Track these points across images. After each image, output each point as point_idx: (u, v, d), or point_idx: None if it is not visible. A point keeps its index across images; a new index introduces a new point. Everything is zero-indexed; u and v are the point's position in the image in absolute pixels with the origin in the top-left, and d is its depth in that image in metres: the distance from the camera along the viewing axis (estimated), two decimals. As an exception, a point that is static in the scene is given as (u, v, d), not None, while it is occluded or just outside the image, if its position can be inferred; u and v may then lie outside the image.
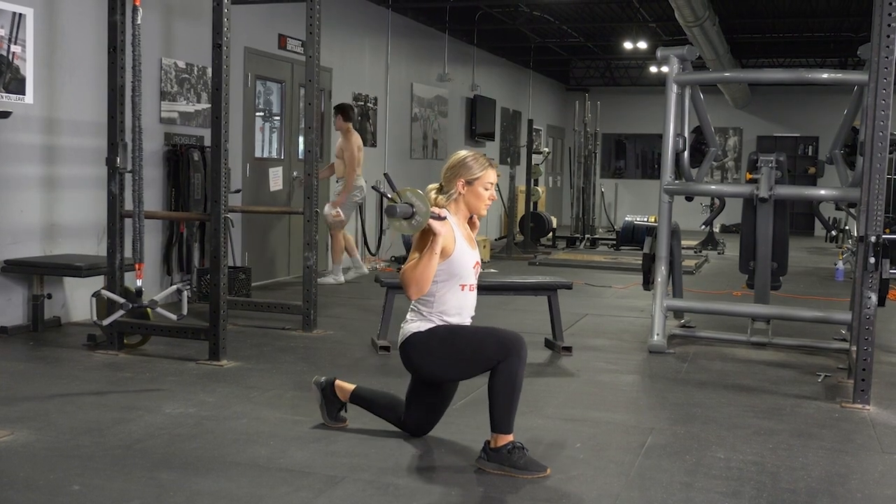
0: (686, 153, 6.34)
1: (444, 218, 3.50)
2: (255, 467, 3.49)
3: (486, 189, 3.66)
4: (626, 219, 14.47)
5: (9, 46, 5.89)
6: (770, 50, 16.53)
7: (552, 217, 14.81)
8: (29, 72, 6.05)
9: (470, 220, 3.76)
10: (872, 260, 4.57)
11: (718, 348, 6.20)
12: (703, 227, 13.59)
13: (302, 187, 6.81)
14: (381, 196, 3.97)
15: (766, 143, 18.58)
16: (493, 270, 10.30)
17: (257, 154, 8.90)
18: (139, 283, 5.29)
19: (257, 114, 8.98)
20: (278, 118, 9.40)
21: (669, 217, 6.28)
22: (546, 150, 15.75)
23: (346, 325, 6.67)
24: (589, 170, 14.77)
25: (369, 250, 10.66)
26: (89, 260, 6.11)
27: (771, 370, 5.56)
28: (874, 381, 4.75)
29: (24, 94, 6.03)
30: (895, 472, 3.71)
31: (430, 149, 12.93)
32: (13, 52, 5.92)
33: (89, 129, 6.50)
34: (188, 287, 7.42)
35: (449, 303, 3.61)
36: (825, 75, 6.61)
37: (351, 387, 4.00)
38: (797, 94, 18.43)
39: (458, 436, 3.94)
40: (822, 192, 7.33)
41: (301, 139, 9.06)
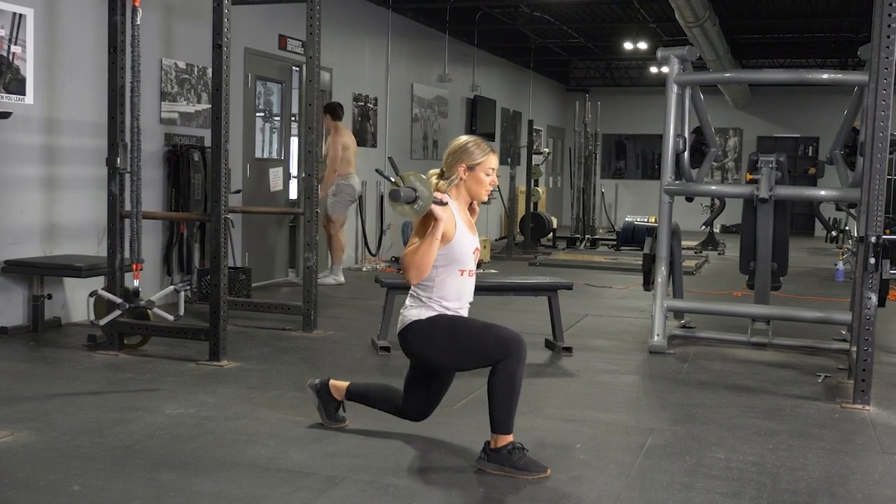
0: (686, 154, 6.34)
1: (446, 203, 3.51)
2: (255, 468, 3.49)
3: (488, 175, 3.65)
4: (627, 219, 14.47)
5: (9, 47, 5.89)
6: (770, 50, 16.53)
7: (552, 217, 14.81)
8: (29, 72, 6.05)
9: (470, 206, 3.75)
10: (872, 260, 4.57)
11: (719, 349, 6.20)
12: (704, 227, 13.60)
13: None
14: (385, 180, 3.96)
15: (766, 144, 18.57)
16: (493, 271, 10.31)
17: (257, 154, 8.91)
18: (136, 283, 5.29)
19: (257, 114, 8.98)
20: (278, 118, 9.41)
21: (670, 217, 6.28)
22: (546, 150, 15.75)
23: (346, 326, 6.67)
24: (589, 170, 14.78)
25: (369, 250, 10.66)
26: (89, 260, 6.11)
27: (771, 371, 5.56)
28: (874, 382, 4.75)
29: (24, 94, 6.03)
30: (895, 472, 3.71)
31: (430, 149, 12.93)
32: (13, 53, 5.93)
33: (89, 129, 6.50)
34: (188, 287, 7.43)
35: (448, 288, 3.60)
36: (825, 76, 6.61)
37: (344, 384, 4.00)
38: (797, 95, 18.42)
39: (458, 436, 3.94)
40: (823, 192, 7.32)
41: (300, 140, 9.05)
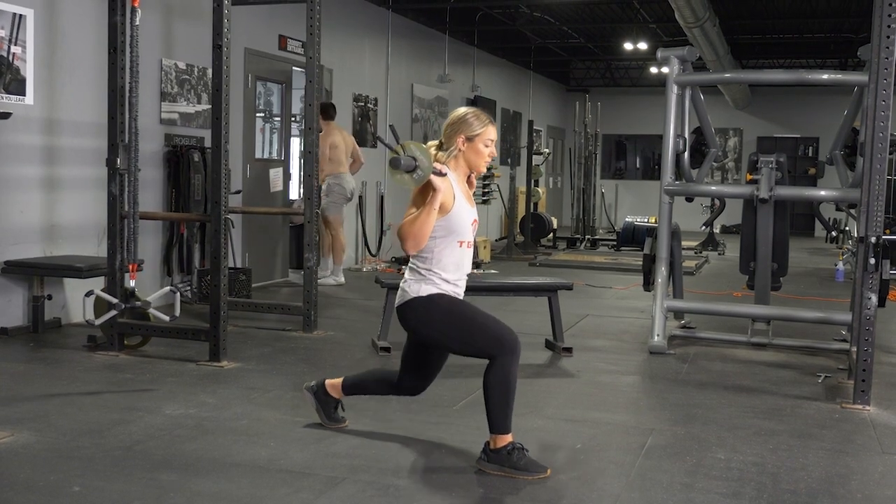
0: (686, 154, 6.34)
1: (445, 174, 3.50)
2: (255, 468, 3.49)
3: (486, 146, 3.62)
4: (627, 220, 14.47)
5: (9, 47, 5.89)
6: (770, 51, 16.54)
7: (552, 218, 14.81)
8: (29, 73, 6.05)
9: (468, 179, 3.74)
10: (872, 261, 4.57)
11: (719, 349, 6.20)
12: (704, 227, 13.64)
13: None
14: (386, 148, 3.94)
15: (766, 144, 18.56)
16: (493, 271, 10.31)
17: (257, 155, 8.91)
18: (132, 283, 5.29)
19: (257, 114, 8.98)
20: (278, 119, 9.41)
21: (670, 218, 6.28)
22: (546, 150, 15.75)
23: (346, 326, 6.67)
24: (589, 170, 14.77)
25: (370, 251, 10.66)
26: (90, 261, 6.11)
27: (771, 371, 5.56)
28: (874, 382, 4.74)
29: (24, 94, 6.03)
30: (895, 472, 3.71)
31: (430, 149, 12.91)
32: (13, 53, 5.93)
33: (89, 129, 6.50)
34: (188, 288, 7.44)
35: (447, 259, 3.57)
36: (825, 76, 6.62)
37: (339, 381, 4.01)
38: (797, 95, 18.42)
39: (458, 437, 3.94)
40: (823, 192, 7.32)
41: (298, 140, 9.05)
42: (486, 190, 12.56)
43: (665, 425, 4.30)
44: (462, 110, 3.67)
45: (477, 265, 10.62)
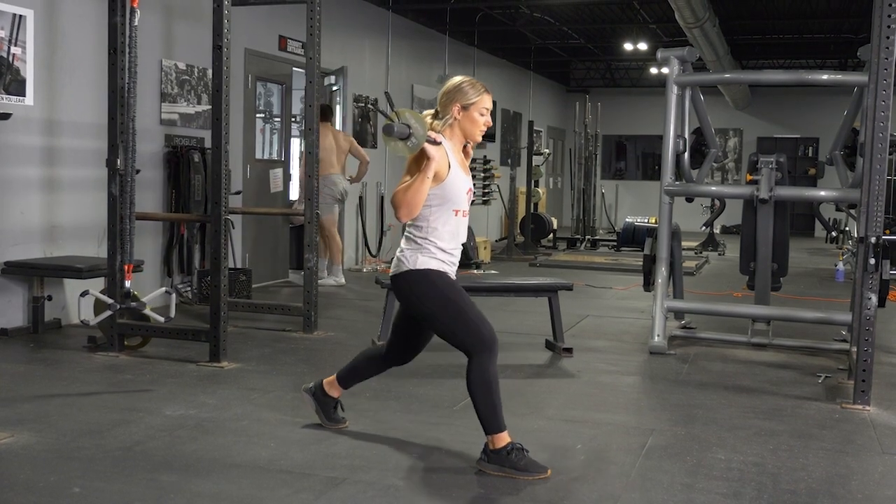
0: (686, 154, 6.34)
1: (440, 143, 3.49)
2: (255, 469, 3.49)
3: (482, 115, 3.60)
4: (627, 220, 14.47)
5: (9, 48, 5.89)
6: (770, 51, 16.54)
7: (553, 218, 14.82)
8: (29, 73, 6.05)
9: (464, 149, 3.72)
10: (872, 261, 4.57)
11: (719, 349, 6.20)
12: (704, 228, 13.63)
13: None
14: (381, 114, 3.92)
15: (766, 145, 18.56)
16: (493, 272, 10.31)
17: (258, 155, 8.91)
18: (128, 284, 5.29)
19: (257, 115, 8.98)
20: (278, 119, 9.41)
21: (670, 218, 6.28)
22: (546, 151, 15.75)
23: (346, 327, 6.67)
24: (589, 171, 14.77)
25: (370, 251, 10.66)
26: (90, 261, 6.11)
27: (771, 371, 5.56)
28: (874, 382, 4.74)
29: (24, 95, 6.03)
30: (895, 472, 3.72)
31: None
32: (13, 54, 5.93)
33: (89, 130, 6.50)
34: (189, 288, 7.43)
35: (442, 228, 3.56)
36: (825, 77, 6.62)
37: (333, 377, 4.01)
38: (797, 96, 18.42)
39: (458, 437, 3.94)
40: (823, 193, 7.32)
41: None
42: (486, 190, 12.57)
43: (665, 426, 4.30)
44: (458, 79, 3.65)
45: (477, 265, 10.63)
